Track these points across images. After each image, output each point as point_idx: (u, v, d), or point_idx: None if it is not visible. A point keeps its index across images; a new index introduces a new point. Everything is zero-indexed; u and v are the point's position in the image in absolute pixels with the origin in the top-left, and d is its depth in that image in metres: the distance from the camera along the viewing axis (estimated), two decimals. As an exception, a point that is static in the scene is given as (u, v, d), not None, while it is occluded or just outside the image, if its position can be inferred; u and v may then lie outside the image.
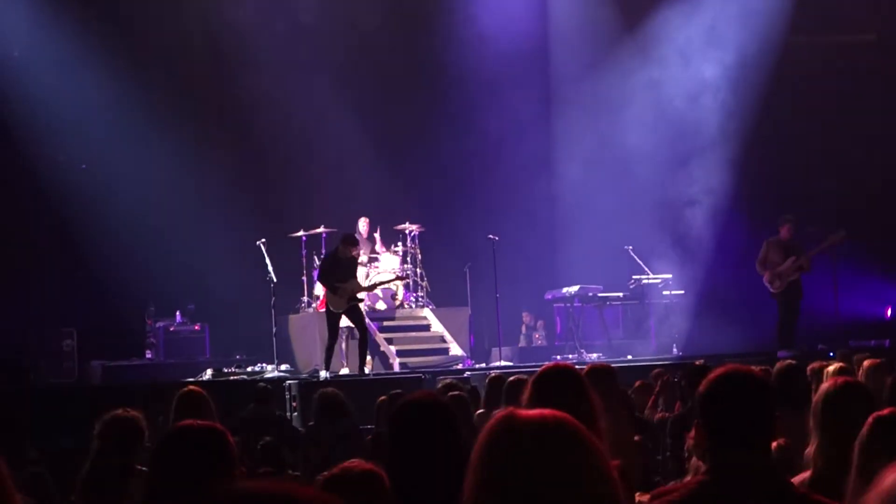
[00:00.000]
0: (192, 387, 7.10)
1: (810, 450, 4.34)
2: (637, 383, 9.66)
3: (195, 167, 17.79)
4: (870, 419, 3.70)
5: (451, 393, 7.57)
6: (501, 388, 7.55)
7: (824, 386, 4.35)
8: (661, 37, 19.24)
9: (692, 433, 5.57)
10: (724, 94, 19.01)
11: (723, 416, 3.18)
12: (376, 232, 18.11)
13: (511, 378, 7.54)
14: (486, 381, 8.72)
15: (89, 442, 5.78)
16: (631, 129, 19.23)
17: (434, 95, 19.28)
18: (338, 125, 18.45)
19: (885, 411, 3.75)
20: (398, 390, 8.99)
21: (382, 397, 8.86)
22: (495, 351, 17.54)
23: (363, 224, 17.95)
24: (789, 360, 7.60)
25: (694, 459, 5.88)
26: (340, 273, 14.82)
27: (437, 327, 17.70)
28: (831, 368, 7.15)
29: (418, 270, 18.26)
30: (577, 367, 4.50)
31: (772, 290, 15.89)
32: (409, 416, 3.41)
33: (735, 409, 3.16)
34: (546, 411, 2.03)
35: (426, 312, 18.01)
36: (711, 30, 19.01)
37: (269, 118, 18.48)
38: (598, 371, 5.81)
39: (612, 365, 6.28)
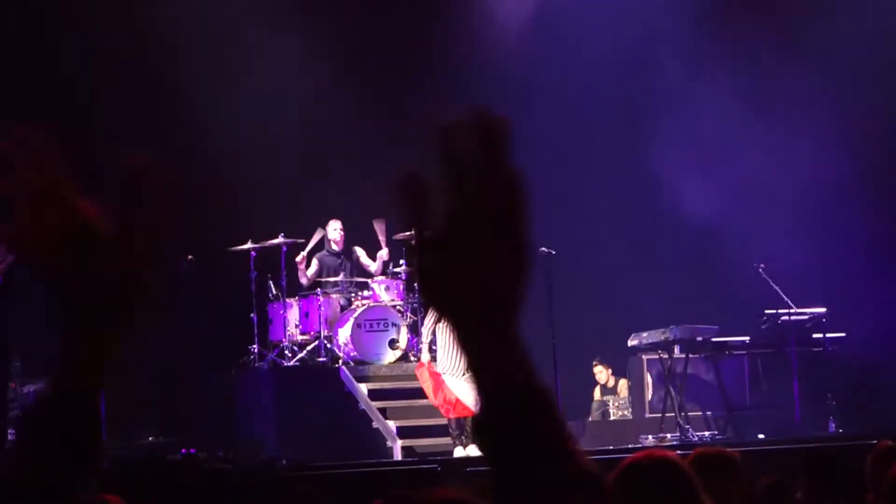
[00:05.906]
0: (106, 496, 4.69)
1: None
2: (766, 479, 7.36)
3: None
4: None
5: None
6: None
7: None
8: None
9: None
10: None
11: None
12: (383, 250, 14.45)
13: None
14: None
15: None
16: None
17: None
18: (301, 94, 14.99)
19: None
20: (400, 492, 5.83)
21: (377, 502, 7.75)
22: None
23: (336, 231, 14.27)
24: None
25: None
26: None
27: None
28: None
29: (429, 303, 13.52)
30: (679, 454, 3.86)
31: None
32: None
33: None
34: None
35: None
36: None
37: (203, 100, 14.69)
38: (711, 460, 4.77)
39: (733, 451, 5.17)
